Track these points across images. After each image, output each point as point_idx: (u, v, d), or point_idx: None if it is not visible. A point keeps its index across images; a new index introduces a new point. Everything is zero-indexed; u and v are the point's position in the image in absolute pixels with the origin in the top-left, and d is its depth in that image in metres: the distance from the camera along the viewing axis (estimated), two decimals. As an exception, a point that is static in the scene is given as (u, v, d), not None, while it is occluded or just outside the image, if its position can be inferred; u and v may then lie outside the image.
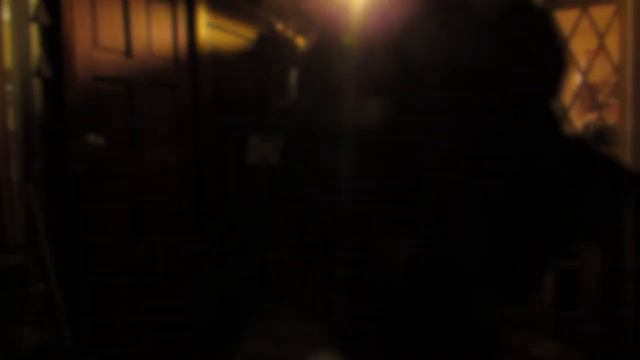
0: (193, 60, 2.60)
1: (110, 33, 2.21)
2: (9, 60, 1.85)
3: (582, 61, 2.76)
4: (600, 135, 2.49)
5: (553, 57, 0.88)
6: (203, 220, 2.64)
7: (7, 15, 1.85)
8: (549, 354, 2.38)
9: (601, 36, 2.51)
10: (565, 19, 2.51)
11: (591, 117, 2.78)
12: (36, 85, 1.91)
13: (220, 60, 2.74)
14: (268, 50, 2.90)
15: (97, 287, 2.14)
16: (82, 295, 2.05)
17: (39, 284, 1.87)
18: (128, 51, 2.29)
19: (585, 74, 2.61)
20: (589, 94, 2.68)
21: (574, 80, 2.62)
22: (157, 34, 2.43)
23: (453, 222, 0.90)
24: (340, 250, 1.01)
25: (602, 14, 2.53)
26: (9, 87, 1.84)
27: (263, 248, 2.76)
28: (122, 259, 2.25)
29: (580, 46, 2.75)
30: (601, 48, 2.54)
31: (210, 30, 2.68)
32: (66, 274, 1.96)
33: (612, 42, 2.48)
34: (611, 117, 2.59)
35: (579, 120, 2.93)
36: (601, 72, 2.79)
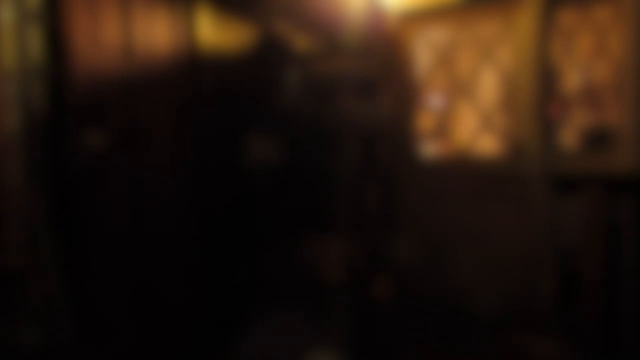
0: (193, 60, 2.60)
1: (111, 33, 2.21)
2: (9, 60, 1.85)
3: (582, 61, 2.76)
4: (600, 135, 2.48)
5: None
6: (202, 220, 2.64)
7: (7, 15, 1.85)
8: (549, 354, 2.38)
9: (601, 36, 2.51)
10: (565, 18, 2.51)
11: (591, 117, 2.78)
12: (37, 85, 1.91)
13: (220, 60, 2.74)
14: (268, 51, 2.90)
15: (97, 286, 2.14)
16: (82, 295, 2.05)
17: (39, 284, 1.87)
18: (128, 51, 2.29)
19: (585, 74, 2.61)
20: (589, 94, 2.68)
21: (574, 80, 2.62)
22: (157, 33, 2.43)
23: None
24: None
25: (602, 13, 2.53)
26: (10, 87, 1.85)
27: (262, 249, 2.76)
28: (122, 259, 2.25)
29: (581, 46, 2.75)
30: (601, 48, 2.54)
31: (210, 30, 2.68)
32: (67, 274, 1.96)
33: (612, 42, 2.48)
34: (611, 117, 2.59)
35: (578, 120, 2.93)
36: (601, 72, 2.79)
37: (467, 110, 2.83)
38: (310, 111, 2.95)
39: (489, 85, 2.75)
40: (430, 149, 2.94)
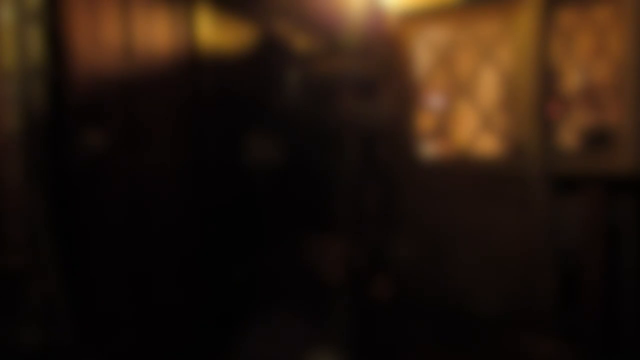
0: (193, 60, 2.60)
1: (111, 33, 2.21)
2: (9, 60, 1.85)
3: (582, 61, 2.76)
4: (600, 135, 2.49)
5: None
6: (202, 220, 2.64)
7: (7, 15, 1.85)
8: (549, 354, 2.38)
9: (601, 36, 2.51)
10: (565, 18, 2.51)
11: (591, 117, 2.78)
12: (37, 85, 1.91)
13: (220, 60, 2.74)
14: (268, 51, 2.90)
15: (97, 286, 2.14)
16: (82, 295, 2.05)
17: (39, 284, 1.87)
18: (128, 51, 2.29)
19: (585, 74, 2.61)
20: (589, 94, 2.68)
21: (574, 80, 2.62)
22: (157, 33, 2.43)
23: None
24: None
25: (602, 13, 2.53)
26: (10, 87, 1.85)
27: (262, 249, 2.76)
28: (122, 259, 2.25)
29: (581, 46, 2.75)
30: (601, 48, 2.54)
31: (210, 30, 2.68)
32: (67, 274, 1.96)
33: (612, 42, 2.48)
34: (611, 117, 2.59)
35: (578, 120, 2.93)
36: (601, 72, 2.79)
37: (467, 110, 2.83)
38: (310, 111, 2.95)
39: (489, 85, 2.75)
40: (430, 149, 2.94)
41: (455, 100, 2.85)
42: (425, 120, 2.94)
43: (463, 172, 2.79)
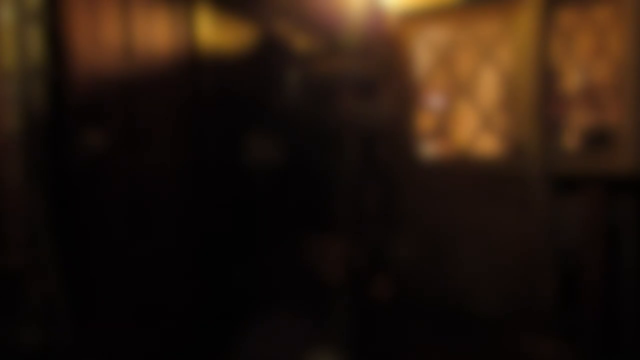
0: (193, 60, 2.60)
1: (111, 33, 2.21)
2: (9, 60, 1.85)
3: (582, 61, 2.76)
4: (600, 135, 2.48)
5: None
6: (202, 220, 2.64)
7: (7, 15, 1.85)
8: (549, 354, 2.38)
9: (601, 36, 2.51)
10: (565, 18, 2.51)
11: (591, 117, 2.78)
12: (37, 85, 1.91)
13: (220, 60, 2.74)
14: (268, 51, 2.90)
15: (97, 286, 2.14)
16: (82, 295, 2.05)
17: (39, 284, 1.87)
18: (128, 51, 2.29)
19: (585, 74, 2.61)
20: (589, 94, 2.68)
21: (574, 80, 2.62)
22: (157, 33, 2.43)
23: None
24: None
25: (602, 13, 2.53)
26: (10, 87, 1.85)
27: (262, 249, 2.76)
28: (121, 259, 2.25)
29: (581, 46, 2.75)
30: (601, 48, 2.54)
31: (210, 30, 2.68)
32: (67, 274, 1.96)
33: (612, 42, 2.48)
34: (611, 117, 2.59)
35: (578, 120, 2.93)
36: (601, 72, 2.79)
37: (467, 110, 2.83)
38: (310, 111, 2.95)
39: (489, 85, 2.75)
40: (430, 149, 2.94)
41: (455, 100, 2.85)
42: (425, 120, 2.94)
43: (463, 172, 2.79)
